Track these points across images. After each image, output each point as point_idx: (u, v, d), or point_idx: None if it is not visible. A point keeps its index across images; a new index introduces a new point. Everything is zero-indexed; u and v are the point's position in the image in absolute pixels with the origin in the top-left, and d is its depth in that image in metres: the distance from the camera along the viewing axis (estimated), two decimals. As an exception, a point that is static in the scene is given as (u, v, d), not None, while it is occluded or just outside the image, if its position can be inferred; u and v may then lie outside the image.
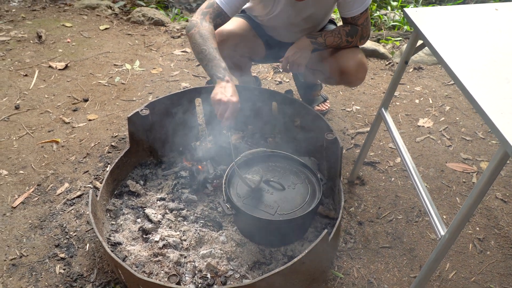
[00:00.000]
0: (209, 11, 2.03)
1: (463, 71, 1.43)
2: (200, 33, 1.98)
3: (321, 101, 2.90)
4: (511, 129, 1.18)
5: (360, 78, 2.33)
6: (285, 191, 1.97)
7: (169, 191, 2.22)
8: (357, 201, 2.27)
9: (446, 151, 2.58)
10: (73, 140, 2.65)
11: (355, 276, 1.92)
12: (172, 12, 4.56)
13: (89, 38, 3.83)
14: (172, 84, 3.21)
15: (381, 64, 3.49)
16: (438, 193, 2.31)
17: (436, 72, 3.35)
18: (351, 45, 2.27)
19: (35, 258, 1.97)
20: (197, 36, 1.97)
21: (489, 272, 1.94)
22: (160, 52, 3.66)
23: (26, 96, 3.03)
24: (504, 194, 2.30)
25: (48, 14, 4.24)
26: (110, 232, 2.00)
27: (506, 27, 1.69)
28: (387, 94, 2.00)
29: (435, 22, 1.73)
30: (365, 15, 2.17)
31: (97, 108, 2.94)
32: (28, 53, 3.55)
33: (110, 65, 3.43)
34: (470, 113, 2.89)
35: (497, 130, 1.20)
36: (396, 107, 2.95)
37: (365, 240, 2.08)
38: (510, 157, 1.20)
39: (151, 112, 2.23)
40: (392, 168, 2.47)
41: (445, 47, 1.55)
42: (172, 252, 1.90)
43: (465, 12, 1.82)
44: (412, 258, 1.99)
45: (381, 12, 4.45)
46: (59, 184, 2.35)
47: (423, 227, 2.14)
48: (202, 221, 2.06)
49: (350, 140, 2.67)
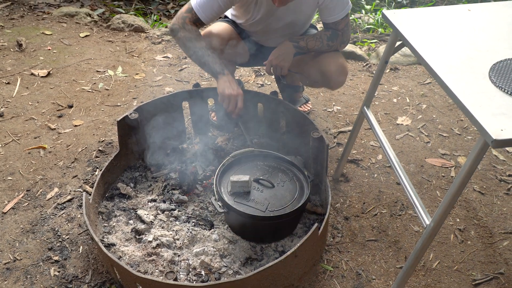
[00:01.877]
0: (188, 16, 2.15)
1: (442, 68, 1.51)
2: (187, 36, 2.13)
3: (303, 102, 2.98)
4: (489, 120, 1.27)
5: (341, 81, 2.41)
6: (275, 189, 2.03)
7: (160, 192, 2.26)
8: (342, 197, 2.35)
9: (425, 147, 2.69)
10: (60, 146, 2.66)
11: (344, 269, 1.99)
12: (151, 18, 4.60)
13: (70, 46, 3.84)
14: (156, 89, 3.25)
15: (359, 65, 3.60)
16: (419, 188, 2.40)
17: (412, 72, 3.47)
18: (332, 49, 2.35)
19: (29, 262, 1.99)
20: (185, 40, 2.11)
21: (470, 260, 2.04)
22: (142, 58, 3.69)
23: (9, 104, 3.02)
24: (482, 187, 2.42)
25: (27, 23, 4.22)
26: (103, 234, 2.03)
27: (479, 26, 1.79)
28: (369, 92, 2.09)
29: (413, 23, 1.82)
30: (345, 20, 2.26)
31: (82, 114, 2.95)
32: (9, 61, 3.53)
33: (92, 72, 3.45)
34: (446, 110, 3.01)
35: (476, 121, 1.29)
36: (376, 107, 3.05)
37: (352, 234, 2.16)
38: (489, 147, 1.29)
39: (139, 115, 2.27)
40: (374, 165, 2.56)
41: (423, 46, 1.64)
42: (166, 251, 1.94)
43: (440, 13, 1.92)
44: (397, 250, 2.08)
45: (355, 15, 4.57)
46: (48, 189, 2.37)
47: (406, 220, 2.23)
48: (194, 221, 2.11)
49: (333, 139, 2.76)
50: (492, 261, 2.02)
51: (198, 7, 2.12)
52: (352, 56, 3.68)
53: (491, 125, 1.26)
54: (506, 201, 2.32)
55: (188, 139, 2.60)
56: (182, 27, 2.15)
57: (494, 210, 2.28)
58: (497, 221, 2.22)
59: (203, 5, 2.11)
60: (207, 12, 2.12)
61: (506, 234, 2.15)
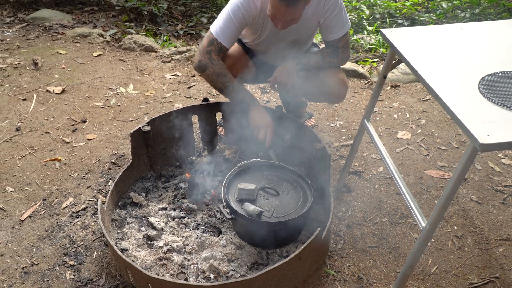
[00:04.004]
0: (212, 49, 2.26)
1: (436, 80, 1.63)
2: (217, 72, 2.27)
3: (307, 118, 3.11)
4: (477, 127, 1.38)
5: (342, 95, 2.54)
6: (280, 197, 2.15)
7: (170, 201, 2.37)
8: (344, 206, 2.45)
9: (424, 160, 2.80)
10: (75, 158, 2.79)
11: (346, 273, 2.08)
12: (161, 39, 4.77)
13: (83, 64, 4.01)
14: (166, 105, 3.39)
15: (361, 83, 3.74)
16: (419, 197, 2.50)
17: (412, 89, 3.60)
18: (333, 65, 2.48)
19: (45, 266, 2.10)
20: (215, 75, 2.27)
21: (467, 265, 2.13)
22: (152, 76, 3.85)
23: (26, 119, 3.17)
24: (478, 197, 2.51)
25: (42, 43, 4.41)
26: (116, 240, 2.14)
27: (471, 43, 1.92)
28: (369, 106, 2.21)
29: (409, 40, 1.95)
30: (345, 38, 2.39)
31: (96, 129, 3.09)
32: (25, 79, 3.70)
33: (105, 89, 3.60)
34: (444, 125, 3.13)
35: (465, 128, 1.40)
36: (377, 122, 3.17)
37: (353, 241, 2.25)
38: (478, 152, 1.40)
39: (151, 128, 2.40)
40: (375, 176, 2.66)
41: (418, 61, 1.76)
42: (176, 256, 2.05)
43: (435, 31, 2.05)
44: (397, 256, 2.17)
45: (358, 36, 4.73)
46: (63, 198, 2.49)
47: (406, 228, 2.32)
48: (202, 227, 2.22)
49: (336, 152, 2.87)
50: (488, 266, 2.11)
51: (220, 34, 2.23)
52: (354, 74, 3.82)
53: (479, 131, 1.37)
54: (502, 210, 2.42)
55: (197, 151, 2.72)
56: (210, 62, 2.26)
57: (491, 218, 2.37)
58: (493, 228, 2.31)
59: (223, 31, 2.22)
60: (227, 37, 2.24)
61: (502, 241, 2.24)
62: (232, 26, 2.22)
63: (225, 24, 2.22)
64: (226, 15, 2.22)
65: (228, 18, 2.21)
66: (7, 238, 2.24)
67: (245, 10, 2.19)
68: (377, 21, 5.18)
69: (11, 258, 2.13)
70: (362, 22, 5.15)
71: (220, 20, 2.23)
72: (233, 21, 2.20)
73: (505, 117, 1.45)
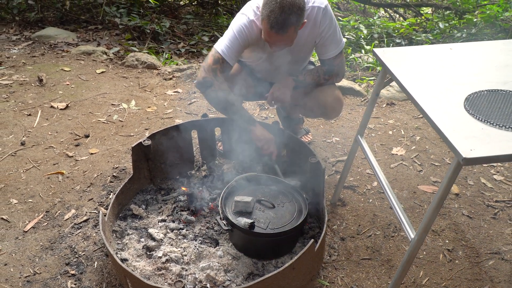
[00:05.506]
0: (217, 67, 2.31)
1: (423, 98, 1.71)
2: (222, 90, 2.35)
3: (303, 134, 3.19)
4: (461, 142, 1.46)
5: (337, 111, 2.63)
6: (275, 209, 2.22)
7: (169, 213, 2.44)
8: (339, 219, 2.52)
9: (418, 175, 2.87)
10: (77, 172, 2.87)
11: (339, 284, 2.14)
12: (163, 56, 4.89)
13: (87, 81, 4.11)
14: (167, 121, 3.48)
15: (357, 100, 3.83)
16: (412, 212, 2.57)
17: (407, 107, 3.69)
18: (328, 82, 2.58)
19: (47, 275, 2.16)
20: (220, 93, 2.35)
21: (457, 278, 2.18)
22: (154, 93, 3.95)
23: (30, 134, 3.26)
24: (470, 211, 2.58)
25: (47, 60, 4.53)
26: (117, 250, 2.21)
27: (459, 62, 2.00)
28: (362, 122, 2.28)
29: (400, 59, 2.03)
30: (339, 57, 2.48)
31: (98, 143, 3.18)
32: (30, 95, 3.80)
33: (107, 105, 3.70)
34: (438, 142, 3.20)
35: (451, 144, 1.48)
36: (372, 138, 3.26)
37: (347, 253, 2.31)
38: (463, 166, 1.47)
39: (152, 142, 2.48)
40: (369, 191, 2.74)
41: (408, 80, 1.84)
42: (174, 266, 2.11)
43: (425, 51, 2.14)
44: (389, 268, 2.23)
45: (356, 55, 4.84)
46: (66, 210, 2.56)
47: (398, 241, 2.38)
48: (200, 239, 2.28)
49: (331, 167, 2.95)
50: (478, 279, 2.17)
51: (226, 53, 2.29)
52: (351, 92, 3.91)
53: (463, 146, 1.45)
54: (493, 225, 2.48)
55: (196, 165, 2.80)
56: (215, 81, 2.32)
57: (481, 232, 2.44)
58: (484, 242, 2.37)
59: (229, 50, 2.29)
60: (233, 56, 2.31)
61: (492, 254, 2.30)
62: (237, 45, 2.30)
63: (230, 44, 2.29)
64: (231, 35, 2.29)
65: (233, 38, 2.29)
66: (11, 248, 2.31)
67: (248, 32, 2.28)
68: (375, 40, 5.30)
69: (15, 267, 2.20)
70: (360, 41, 5.27)
71: (226, 40, 2.30)
72: (238, 41, 2.28)
73: (488, 132, 1.53)
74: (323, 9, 2.28)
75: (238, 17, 2.32)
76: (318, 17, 2.29)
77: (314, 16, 2.29)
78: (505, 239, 2.39)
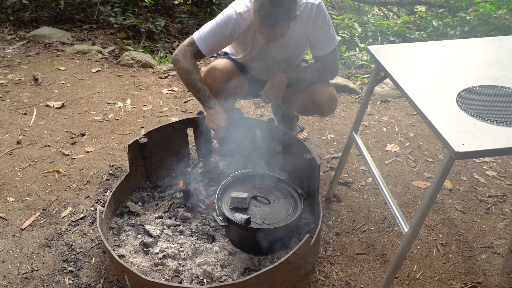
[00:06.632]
0: (189, 49, 2.40)
1: (416, 94, 1.74)
2: (185, 68, 2.39)
3: (298, 131, 3.21)
4: (453, 136, 1.49)
5: (332, 108, 2.65)
6: (271, 205, 2.24)
7: (166, 210, 2.46)
8: (334, 215, 2.54)
9: (412, 171, 2.91)
10: (74, 170, 2.88)
11: (334, 279, 2.17)
12: (158, 55, 4.91)
13: (82, 80, 4.12)
14: (162, 119, 3.49)
15: (352, 98, 3.86)
16: (406, 207, 2.60)
17: (401, 104, 3.73)
18: (322, 79, 2.60)
19: (45, 272, 2.17)
20: (183, 70, 2.40)
21: (451, 271, 2.21)
22: (149, 91, 3.96)
23: (26, 132, 3.26)
24: (463, 206, 2.61)
25: (42, 59, 4.54)
26: (114, 247, 2.22)
27: (451, 59, 2.03)
28: (357, 119, 2.31)
29: (393, 56, 2.06)
30: (333, 54, 2.50)
31: (94, 142, 3.19)
32: (25, 94, 3.81)
33: (103, 104, 3.71)
34: (432, 138, 3.24)
35: (443, 138, 1.51)
36: (367, 135, 3.29)
37: (342, 248, 2.34)
38: (455, 160, 1.50)
39: (148, 140, 2.50)
40: (364, 187, 2.76)
41: (401, 76, 1.87)
42: (171, 262, 2.13)
43: (418, 48, 2.17)
44: (384, 262, 2.26)
45: (350, 53, 4.87)
46: (63, 208, 2.57)
47: (393, 236, 2.41)
48: (197, 235, 2.30)
49: (326, 164, 2.97)
50: (471, 272, 2.20)
51: (200, 41, 2.36)
52: (345, 90, 3.94)
53: (454, 140, 1.47)
54: (485, 219, 2.52)
55: (192, 163, 2.82)
56: (182, 59, 2.40)
57: (474, 227, 2.47)
58: (477, 237, 2.41)
59: (204, 39, 2.36)
60: (207, 46, 2.37)
61: (485, 248, 2.33)
62: (214, 38, 2.34)
63: (207, 34, 2.35)
64: (211, 27, 2.34)
65: (212, 30, 2.34)
66: (8, 245, 2.32)
67: (232, 24, 2.30)
68: (369, 38, 5.33)
69: (12, 264, 2.21)
70: (354, 39, 5.30)
71: (205, 29, 2.36)
72: (217, 34, 2.33)
73: (479, 127, 1.56)
74: (317, 6, 2.30)
75: (227, 8, 2.35)
76: (312, 13, 2.31)
77: (308, 12, 2.31)
78: (497, 233, 2.43)
